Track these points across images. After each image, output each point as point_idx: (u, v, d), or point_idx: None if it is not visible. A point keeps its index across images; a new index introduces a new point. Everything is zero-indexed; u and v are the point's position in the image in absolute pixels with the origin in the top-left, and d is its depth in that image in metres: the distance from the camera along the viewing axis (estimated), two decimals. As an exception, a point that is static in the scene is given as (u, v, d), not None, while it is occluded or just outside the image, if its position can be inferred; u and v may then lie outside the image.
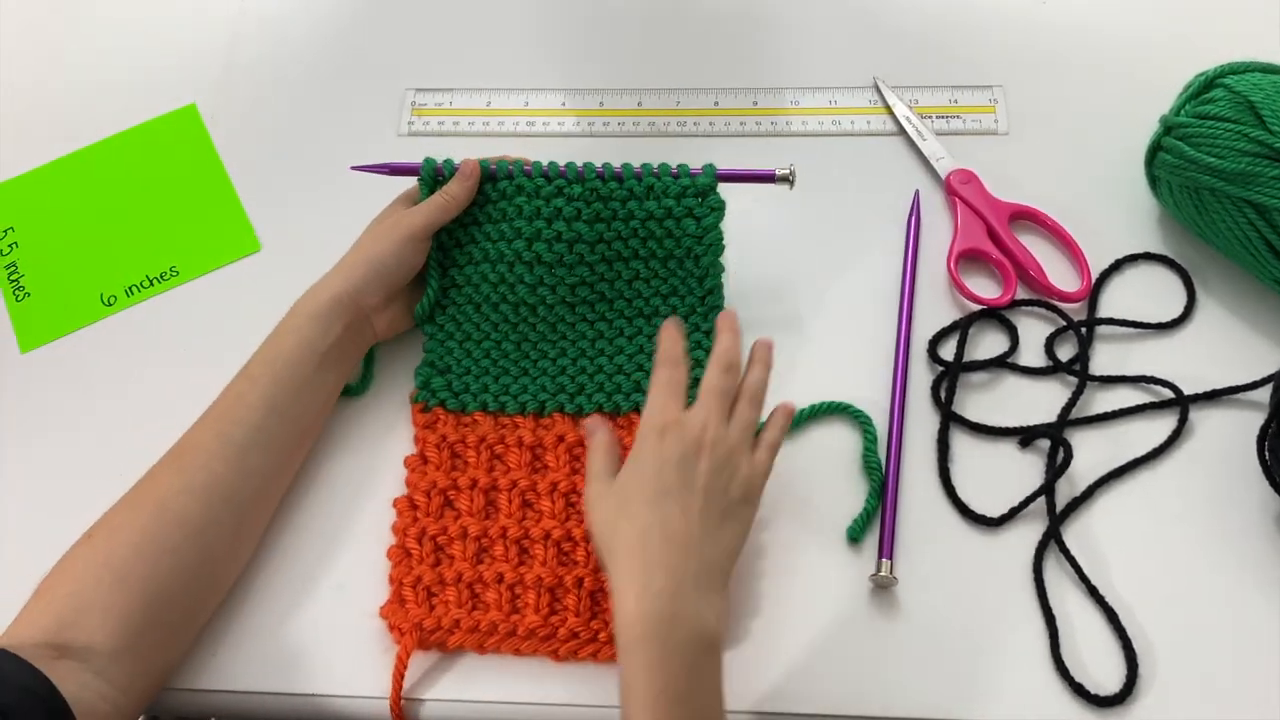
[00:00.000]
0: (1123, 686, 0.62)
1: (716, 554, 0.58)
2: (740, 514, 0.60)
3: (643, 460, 0.60)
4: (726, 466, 0.60)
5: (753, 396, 0.63)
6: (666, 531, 0.57)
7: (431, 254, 0.73)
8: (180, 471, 0.64)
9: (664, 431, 0.60)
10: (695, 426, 0.60)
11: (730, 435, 0.61)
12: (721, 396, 0.62)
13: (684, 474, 0.58)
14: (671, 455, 0.59)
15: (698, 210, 0.70)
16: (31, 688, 0.54)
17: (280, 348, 0.68)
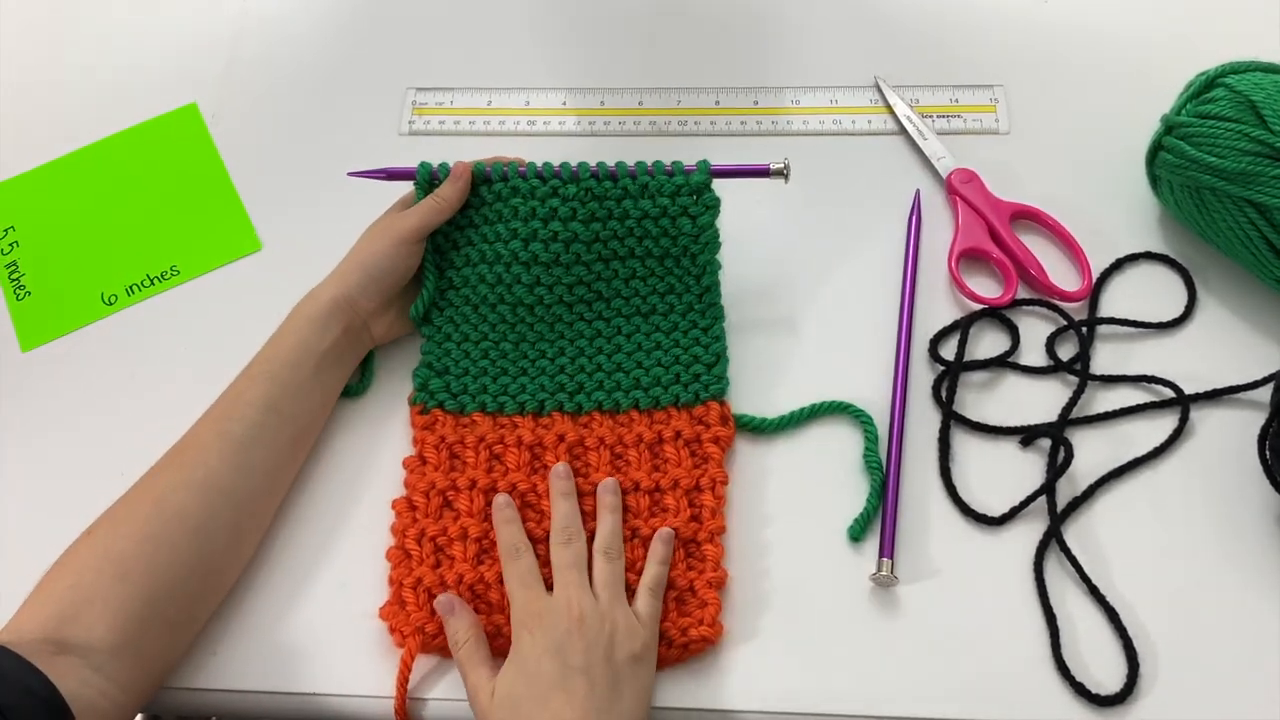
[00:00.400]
0: (1124, 686, 0.62)
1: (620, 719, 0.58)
2: (634, 675, 0.60)
3: (521, 659, 0.60)
4: (601, 635, 0.59)
5: (605, 552, 0.64)
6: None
7: (427, 256, 0.73)
8: (180, 468, 0.64)
9: (530, 625, 0.60)
10: (561, 608, 0.60)
11: (598, 604, 0.61)
12: (574, 567, 0.63)
13: (561, 659, 0.58)
14: (545, 646, 0.59)
15: (693, 209, 0.70)
16: (32, 687, 0.54)
17: (280, 348, 0.69)
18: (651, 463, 0.69)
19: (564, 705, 0.57)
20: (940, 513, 0.68)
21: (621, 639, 0.60)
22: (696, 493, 0.68)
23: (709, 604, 0.65)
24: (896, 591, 0.66)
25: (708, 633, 0.64)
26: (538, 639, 0.60)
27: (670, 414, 0.71)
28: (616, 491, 0.67)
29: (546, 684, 0.58)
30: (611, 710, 0.58)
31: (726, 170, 0.70)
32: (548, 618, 0.60)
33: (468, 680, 0.62)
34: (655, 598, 0.63)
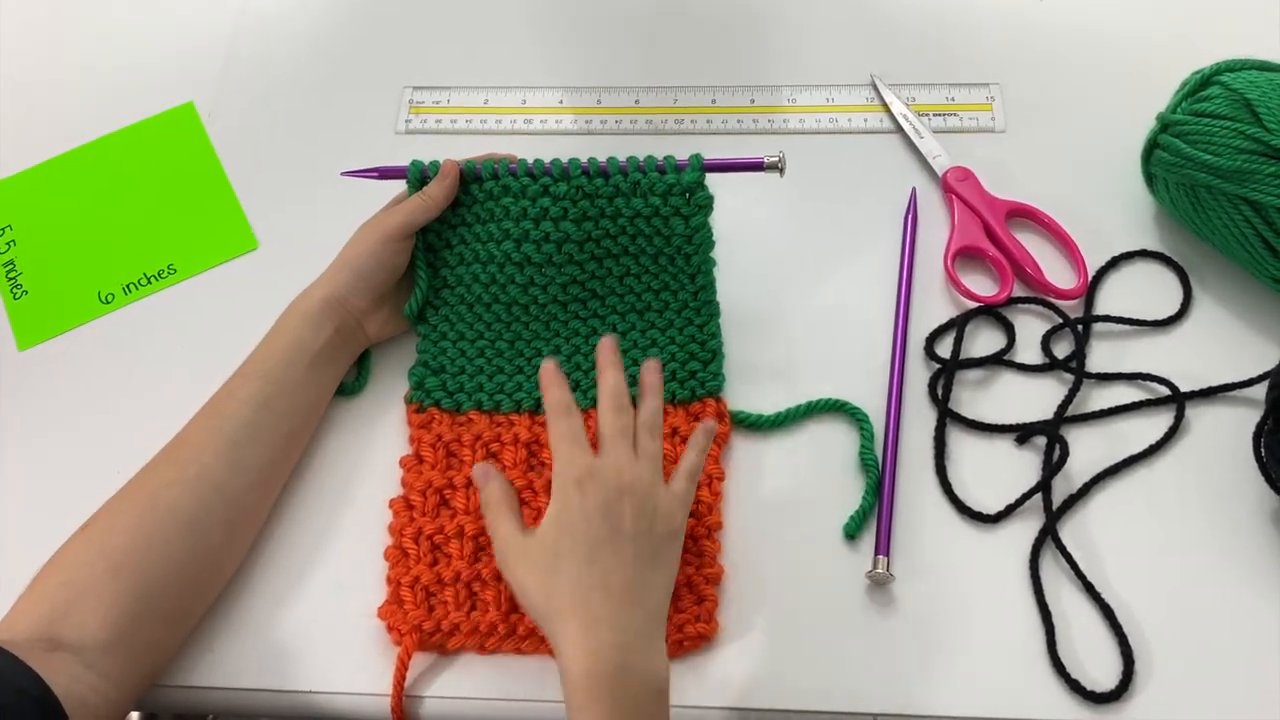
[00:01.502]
0: (1119, 683, 0.62)
1: (655, 598, 0.58)
2: (667, 551, 0.60)
3: (569, 514, 0.59)
4: (648, 505, 0.59)
5: (650, 428, 0.62)
6: (608, 586, 0.57)
7: (419, 254, 0.73)
8: (174, 464, 0.64)
9: (581, 482, 0.59)
10: (611, 472, 0.59)
11: (643, 472, 0.60)
12: (623, 436, 0.61)
13: (612, 522, 0.58)
14: (595, 505, 0.58)
15: (685, 209, 0.70)
16: (24, 686, 0.54)
17: (274, 347, 0.69)
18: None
19: (615, 567, 0.57)
20: (936, 510, 0.68)
21: (663, 514, 0.60)
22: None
23: (706, 599, 0.65)
24: (892, 589, 0.66)
25: (704, 629, 0.64)
26: (588, 497, 0.59)
27: (667, 411, 0.71)
28: (659, 372, 0.65)
29: (594, 542, 0.58)
30: (650, 583, 0.58)
31: (720, 164, 0.70)
32: (599, 478, 0.59)
33: (498, 533, 0.62)
34: (691, 483, 0.62)
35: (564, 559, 0.58)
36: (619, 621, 0.56)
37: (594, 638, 0.55)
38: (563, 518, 0.59)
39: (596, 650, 0.55)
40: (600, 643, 0.55)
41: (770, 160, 0.69)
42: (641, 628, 0.57)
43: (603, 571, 0.57)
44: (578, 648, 0.55)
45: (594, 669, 0.55)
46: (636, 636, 0.56)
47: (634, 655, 0.56)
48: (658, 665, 0.56)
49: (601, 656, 0.55)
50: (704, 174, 0.69)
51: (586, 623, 0.56)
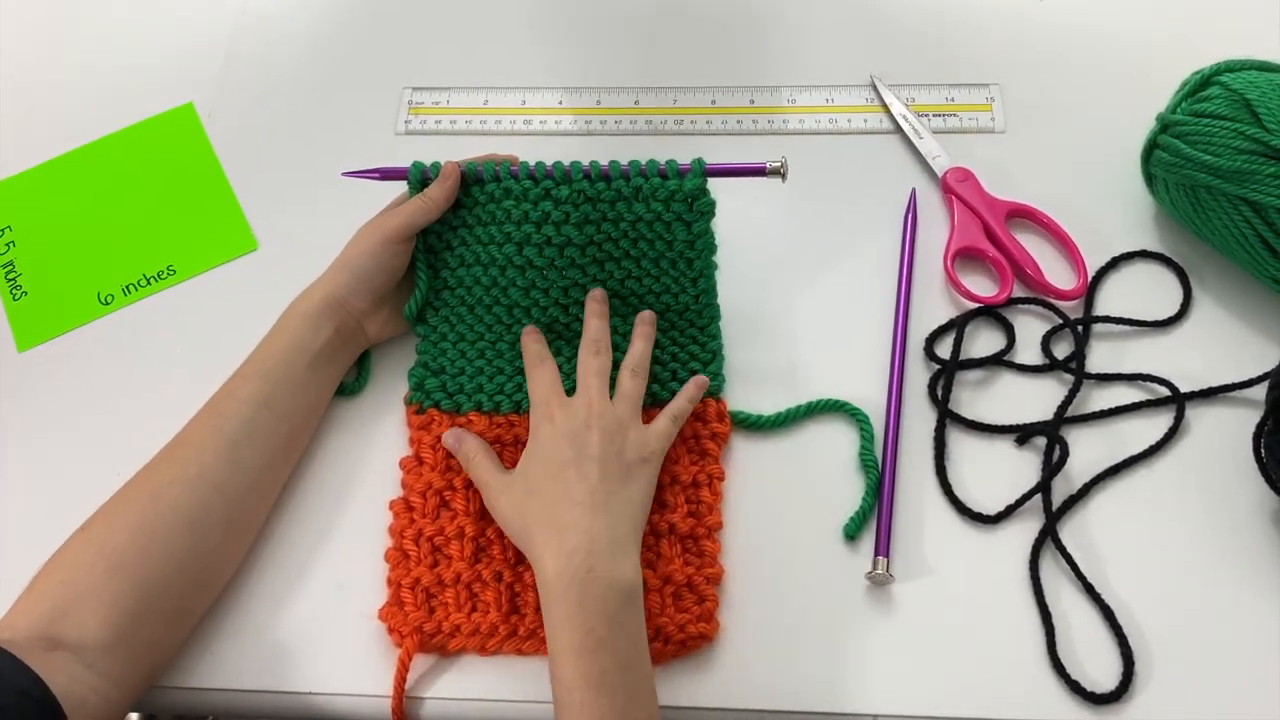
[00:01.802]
0: (1119, 684, 0.62)
1: (625, 511, 0.62)
2: (640, 474, 0.64)
3: (539, 444, 0.65)
4: (616, 434, 0.64)
5: (633, 369, 0.68)
6: (572, 497, 0.61)
7: (419, 255, 0.73)
8: (174, 463, 0.64)
9: (552, 416, 0.65)
10: (580, 406, 0.65)
11: (615, 408, 0.66)
12: (597, 376, 0.67)
13: (578, 446, 0.63)
14: (563, 432, 0.64)
15: (687, 215, 0.69)
16: (25, 688, 0.54)
17: (274, 347, 0.69)
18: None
19: (576, 482, 0.62)
20: (936, 511, 0.68)
21: (633, 443, 0.65)
22: (694, 489, 0.68)
23: (707, 600, 0.65)
24: (892, 590, 0.66)
25: (705, 629, 0.64)
26: (557, 427, 0.64)
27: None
28: (653, 322, 0.72)
29: (560, 464, 0.63)
30: (619, 497, 0.62)
31: (722, 169, 0.70)
32: (568, 410, 0.65)
33: (482, 480, 0.66)
34: (674, 424, 0.67)
35: (535, 481, 0.63)
36: (584, 527, 0.60)
37: (562, 542, 0.60)
38: (534, 447, 0.65)
39: (563, 554, 0.59)
40: (567, 547, 0.59)
41: (772, 166, 0.69)
42: (610, 535, 0.60)
43: (568, 486, 0.62)
44: (547, 554, 0.60)
45: (562, 570, 0.59)
46: (605, 543, 0.60)
47: (600, 559, 0.59)
48: (625, 570, 0.59)
49: (569, 560, 0.59)
50: (706, 180, 0.69)
51: (555, 531, 0.60)
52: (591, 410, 0.65)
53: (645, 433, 0.66)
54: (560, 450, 0.63)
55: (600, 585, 0.58)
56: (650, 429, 0.66)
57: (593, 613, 0.57)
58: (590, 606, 0.58)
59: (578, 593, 0.58)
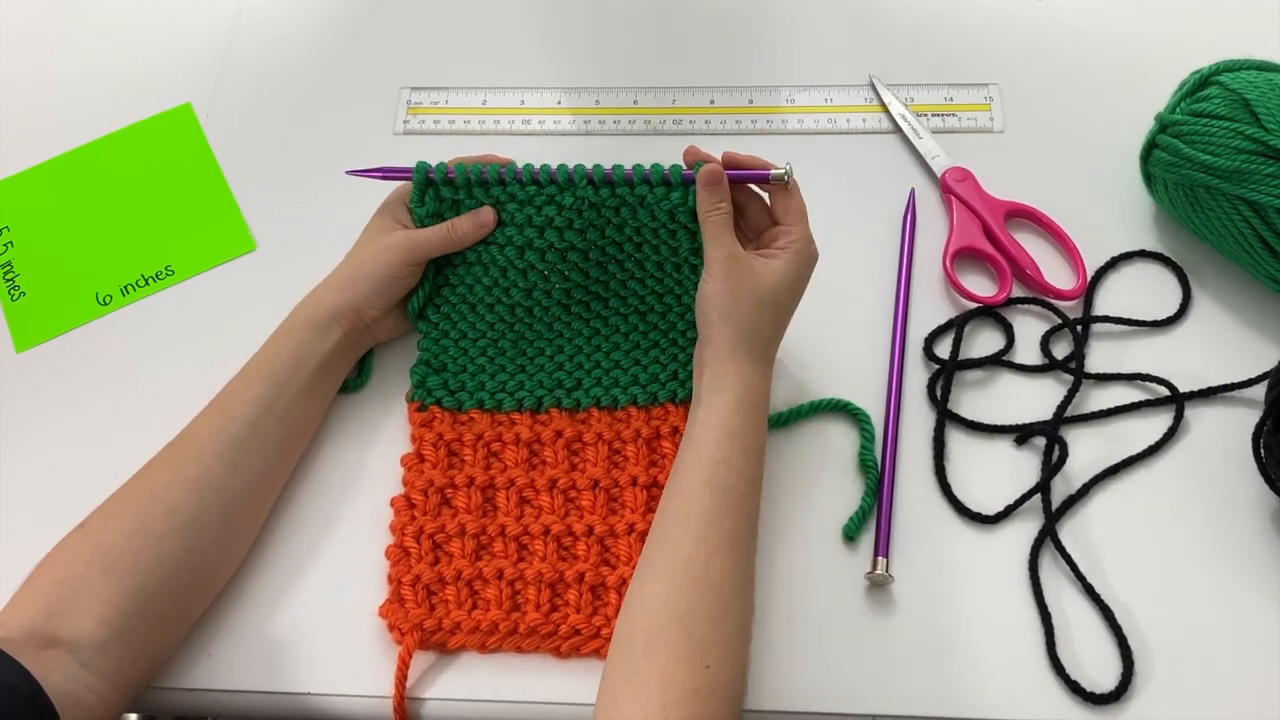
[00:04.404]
0: (1118, 684, 0.62)
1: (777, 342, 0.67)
2: None
3: (808, 263, 0.67)
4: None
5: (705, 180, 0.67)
6: (779, 323, 0.66)
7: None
8: (174, 464, 0.64)
9: (810, 255, 0.67)
10: (814, 253, 0.67)
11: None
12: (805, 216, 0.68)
13: (793, 296, 0.66)
14: (808, 262, 0.67)
15: (691, 225, 0.69)
16: (17, 686, 0.54)
17: (279, 350, 0.69)
18: (649, 458, 0.69)
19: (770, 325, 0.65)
20: (935, 511, 0.68)
21: None
22: (695, 488, 0.68)
23: (706, 601, 0.65)
24: (891, 590, 0.66)
25: (704, 631, 0.64)
26: (813, 259, 0.68)
27: (668, 410, 0.71)
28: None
29: (794, 302, 0.66)
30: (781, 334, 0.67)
31: (728, 175, 0.69)
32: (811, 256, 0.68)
33: (721, 240, 0.66)
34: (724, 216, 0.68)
35: (782, 296, 0.65)
36: (767, 371, 0.65)
37: (755, 373, 0.64)
38: (806, 262, 0.67)
39: (753, 384, 0.63)
40: (756, 378, 0.64)
41: (776, 173, 0.68)
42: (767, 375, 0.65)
43: (781, 315, 0.66)
44: (742, 374, 0.63)
45: (737, 336, 0.63)
46: (764, 381, 0.65)
47: (763, 397, 0.64)
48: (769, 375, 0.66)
49: (753, 388, 0.63)
50: None
51: (758, 359, 0.64)
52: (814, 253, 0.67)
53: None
54: (800, 288, 0.66)
55: (763, 359, 0.64)
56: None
57: (757, 376, 0.63)
58: (757, 370, 0.63)
59: (749, 354, 0.63)
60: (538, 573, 0.66)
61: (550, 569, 0.66)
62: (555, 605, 0.66)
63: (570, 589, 0.66)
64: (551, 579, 0.66)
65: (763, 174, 0.69)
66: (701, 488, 0.60)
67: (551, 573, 0.66)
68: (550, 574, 0.66)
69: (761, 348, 0.65)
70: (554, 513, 0.68)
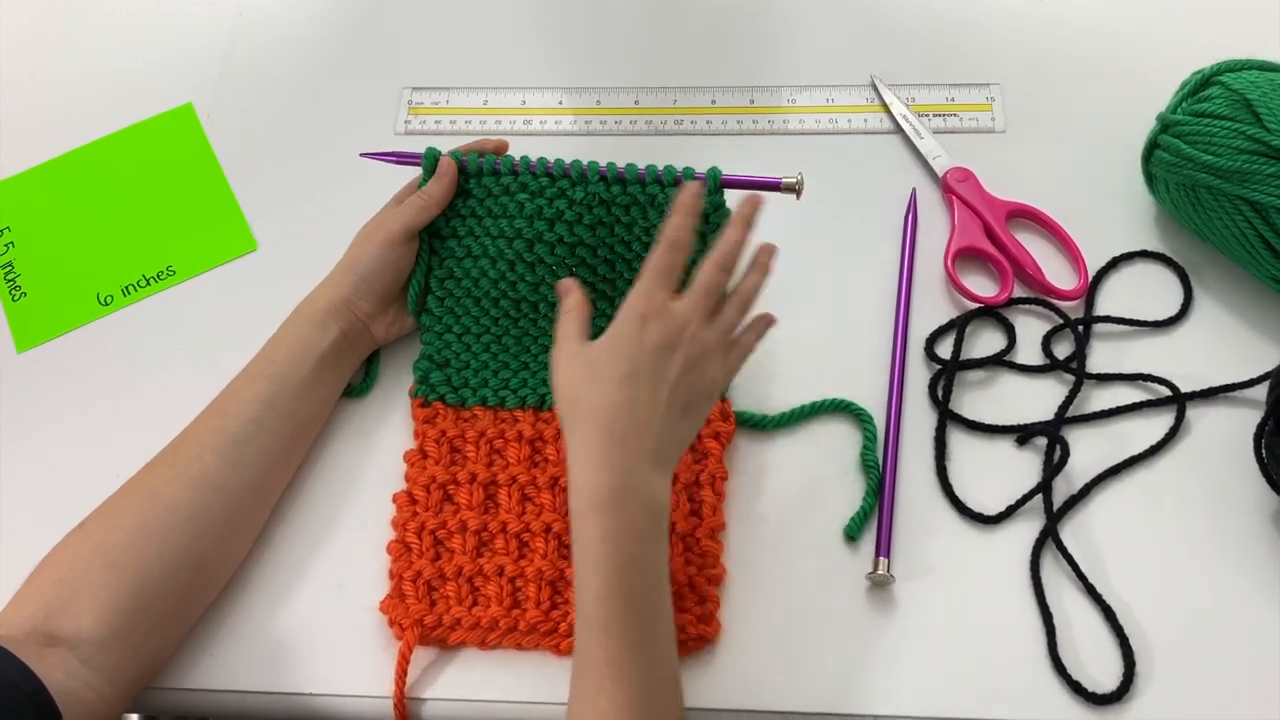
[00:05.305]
0: (1120, 684, 0.62)
1: (673, 438, 0.60)
2: (700, 409, 0.62)
3: (621, 340, 0.60)
4: (699, 365, 0.61)
5: (742, 302, 0.64)
6: (633, 411, 0.58)
7: (421, 246, 0.73)
8: (175, 463, 0.64)
9: (647, 319, 0.60)
10: (678, 320, 0.61)
11: (708, 336, 0.62)
12: (709, 295, 0.62)
13: (658, 362, 0.59)
14: (650, 343, 0.60)
15: (701, 227, 0.68)
16: (18, 683, 0.54)
17: (279, 348, 0.69)
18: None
19: (644, 400, 0.59)
20: (937, 512, 0.68)
21: (709, 379, 0.61)
22: (696, 488, 0.68)
23: (708, 600, 0.65)
24: (893, 590, 0.66)
25: (706, 631, 0.64)
26: (647, 333, 0.60)
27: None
28: (773, 255, 0.66)
29: (635, 372, 0.59)
30: (673, 425, 0.60)
31: (735, 182, 0.69)
32: (665, 318, 0.60)
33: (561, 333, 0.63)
34: (742, 359, 0.65)
35: (602, 376, 0.59)
36: (632, 445, 0.58)
37: (606, 454, 0.57)
38: (617, 341, 0.60)
39: (607, 467, 0.57)
40: (611, 461, 0.57)
41: (788, 182, 0.69)
42: (650, 457, 0.58)
43: (631, 396, 0.58)
44: (589, 460, 0.57)
45: (600, 481, 0.57)
46: (645, 463, 0.58)
47: (639, 478, 0.57)
48: (659, 490, 0.58)
49: (608, 472, 0.57)
50: (723, 194, 0.69)
51: (604, 438, 0.58)
52: (687, 330, 0.60)
53: (722, 369, 0.63)
54: (640, 357, 0.59)
55: (637, 504, 0.57)
56: (727, 365, 0.63)
57: (626, 530, 0.56)
58: (625, 524, 0.56)
59: (615, 508, 0.56)
60: (538, 570, 0.66)
61: (550, 566, 0.66)
62: (555, 603, 0.66)
63: (570, 587, 0.66)
64: (552, 576, 0.66)
65: (774, 181, 0.69)
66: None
67: (552, 570, 0.66)
68: (550, 571, 0.66)
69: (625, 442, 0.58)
70: (555, 510, 0.68)
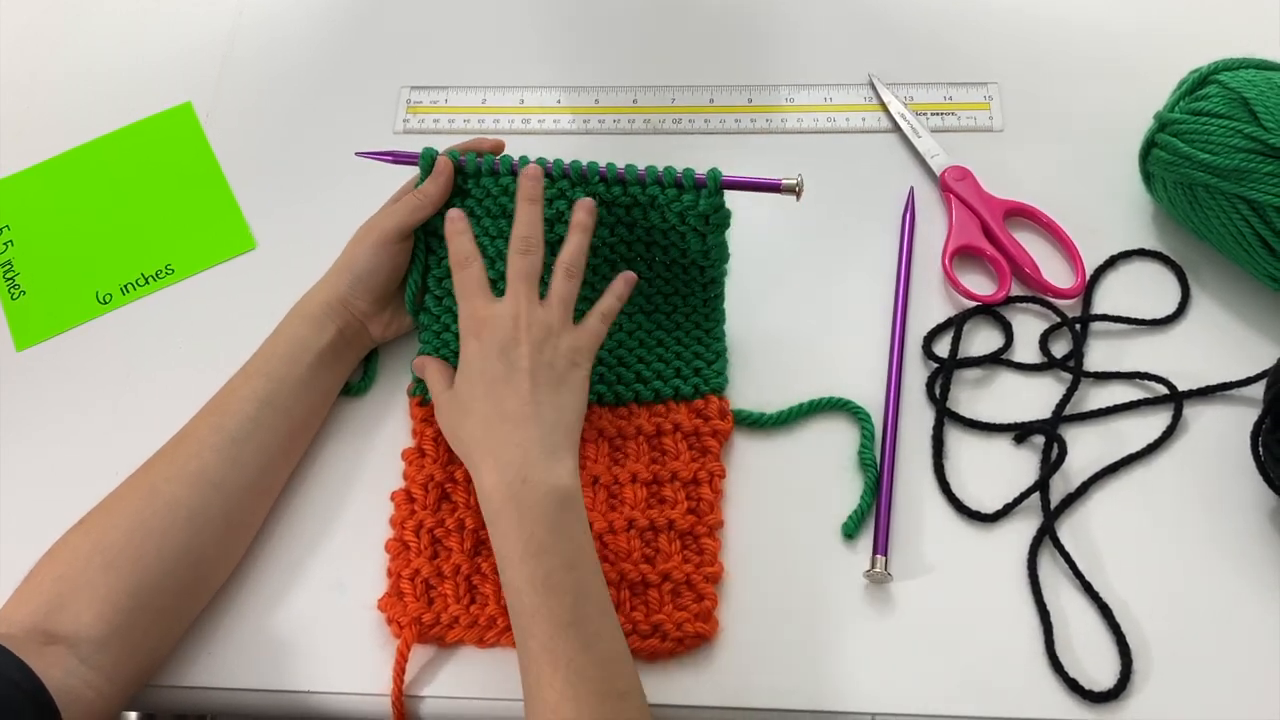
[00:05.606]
0: (1117, 682, 0.62)
1: (557, 418, 0.62)
2: (572, 379, 0.64)
3: (469, 361, 0.64)
4: (546, 343, 0.63)
5: (567, 269, 0.66)
6: (504, 413, 0.61)
7: (418, 245, 0.73)
8: (174, 461, 0.65)
9: (479, 330, 0.63)
10: (507, 316, 0.63)
11: (543, 314, 0.64)
12: (526, 280, 0.64)
13: (507, 360, 0.62)
14: (491, 348, 0.63)
15: (702, 228, 0.69)
16: (18, 682, 0.54)
17: (276, 346, 0.69)
18: (650, 455, 0.70)
19: (508, 396, 0.61)
20: (934, 510, 0.68)
21: (565, 349, 0.64)
22: (695, 486, 0.68)
23: (705, 598, 0.65)
24: (890, 588, 0.66)
25: (703, 628, 0.64)
26: (485, 344, 0.63)
27: (670, 407, 0.71)
28: (591, 211, 0.68)
29: (491, 380, 0.62)
30: (552, 405, 0.62)
31: (736, 183, 0.69)
32: (494, 323, 0.63)
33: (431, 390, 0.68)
34: (604, 322, 0.67)
35: (470, 401, 0.63)
36: (517, 440, 0.60)
37: (498, 457, 0.60)
38: (464, 367, 0.64)
39: (498, 468, 0.60)
40: (502, 461, 0.60)
41: (788, 183, 0.69)
42: (543, 443, 0.60)
43: (499, 402, 0.61)
44: (484, 468, 0.60)
45: (499, 482, 0.59)
46: (538, 453, 0.60)
47: (534, 469, 0.59)
48: (560, 475, 0.60)
49: (503, 474, 0.59)
50: (723, 195, 0.69)
51: (490, 447, 0.61)
52: (519, 321, 0.63)
53: (579, 335, 0.65)
54: (490, 366, 0.62)
55: (537, 493, 0.59)
56: (580, 330, 0.65)
57: (532, 519, 0.58)
58: (529, 514, 0.58)
59: (515, 503, 0.59)
60: (536, 569, 0.66)
61: None
62: (553, 602, 0.66)
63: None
64: None
65: (774, 183, 0.69)
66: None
67: None
68: None
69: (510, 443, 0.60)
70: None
